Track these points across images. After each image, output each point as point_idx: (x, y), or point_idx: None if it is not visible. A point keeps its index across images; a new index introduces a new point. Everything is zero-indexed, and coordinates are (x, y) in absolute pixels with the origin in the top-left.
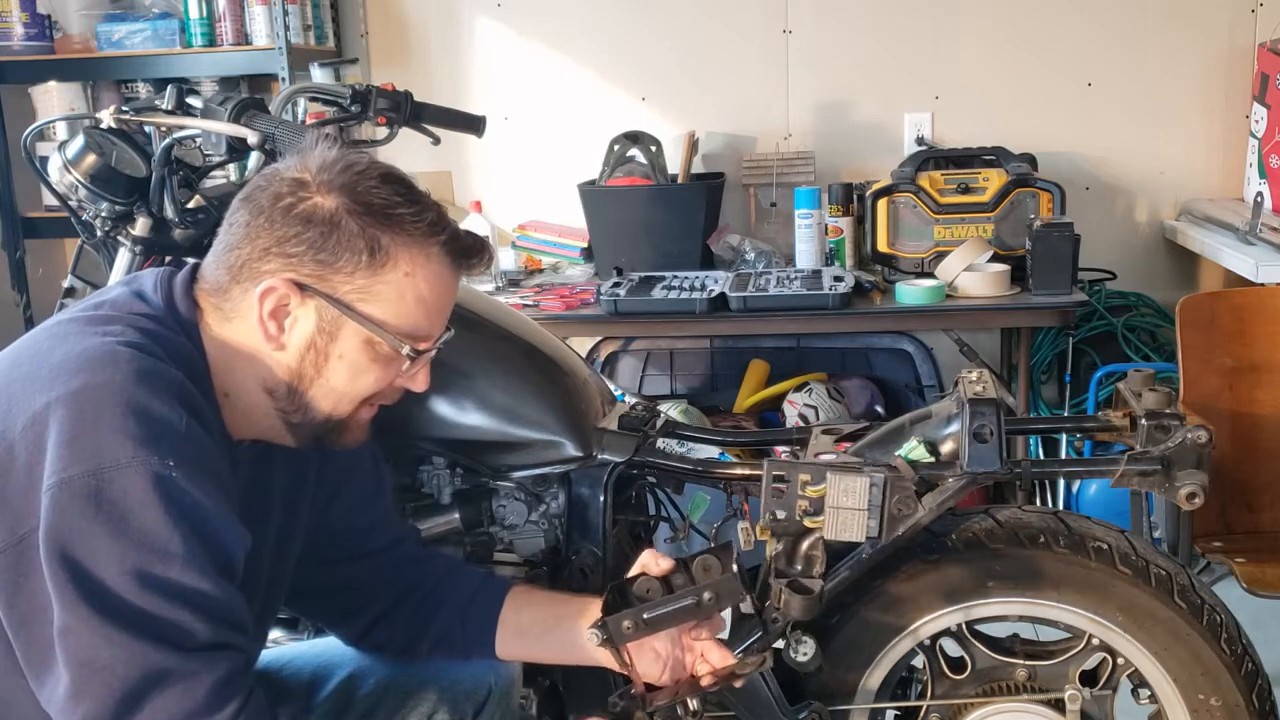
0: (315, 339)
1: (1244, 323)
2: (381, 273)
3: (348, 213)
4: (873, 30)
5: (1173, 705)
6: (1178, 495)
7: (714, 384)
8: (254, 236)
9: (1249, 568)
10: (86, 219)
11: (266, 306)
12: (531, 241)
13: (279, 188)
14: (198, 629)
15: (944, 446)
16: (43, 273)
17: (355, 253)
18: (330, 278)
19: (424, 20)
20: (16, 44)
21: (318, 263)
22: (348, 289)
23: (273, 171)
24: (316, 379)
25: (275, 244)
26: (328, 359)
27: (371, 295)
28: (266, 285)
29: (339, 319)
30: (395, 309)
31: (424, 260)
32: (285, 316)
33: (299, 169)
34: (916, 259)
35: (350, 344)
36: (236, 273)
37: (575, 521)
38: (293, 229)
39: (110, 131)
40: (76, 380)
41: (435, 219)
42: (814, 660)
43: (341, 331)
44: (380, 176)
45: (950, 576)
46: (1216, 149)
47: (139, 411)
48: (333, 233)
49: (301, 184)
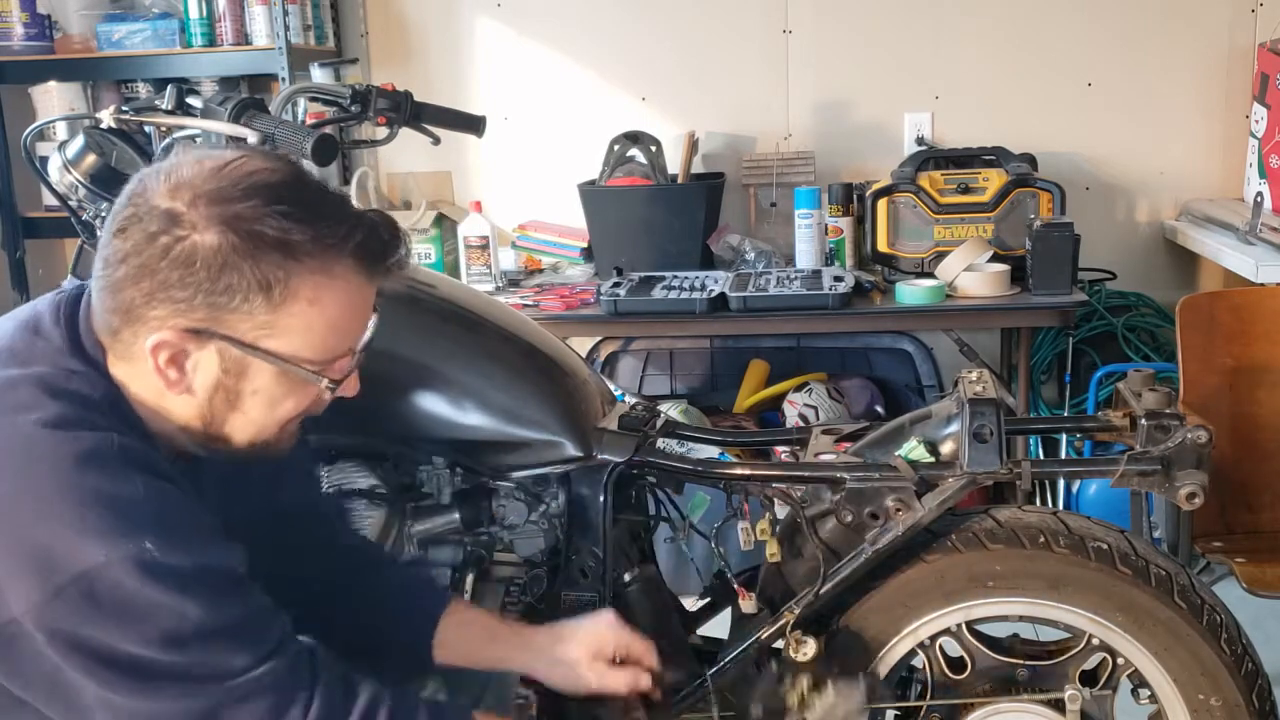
0: (221, 380)
1: (1244, 323)
2: (284, 307)
3: (232, 249)
4: (873, 30)
5: (1173, 705)
6: (1178, 495)
7: (714, 384)
8: (136, 279)
9: (1249, 568)
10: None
11: (161, 357)
12: (531, 241)
13: (151, 223)
14: (237, 659)
15: (944, 446)
16: (43, 273)
17: (250, 291)
18: (226, 319)
19: (424, 20)
20: (16, 44)
21: (210, 306)
22: (247, 327)
23: (141, 194)
24: (231, 414)
25: (160, 289)
26: (239, 396)
27: (276, 330)
28: (158, 339)
29: (243, 359)
30: (305, 340)
31: (328, 283)
32: (185, 361)
33: (168, 193)
34: (916, 259)
35: (262, 379)
36: (124, 316)
37: (575, 521)
38: (175, 273)
39: (110, 131)
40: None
41: (336, 230)
42: (814, 660)
43: (249, 369)
44: (261, 192)
45: (950, 576)
46: (1216, 149)
47: (93, 501)
48: (220, 273)
49: (174, 218)
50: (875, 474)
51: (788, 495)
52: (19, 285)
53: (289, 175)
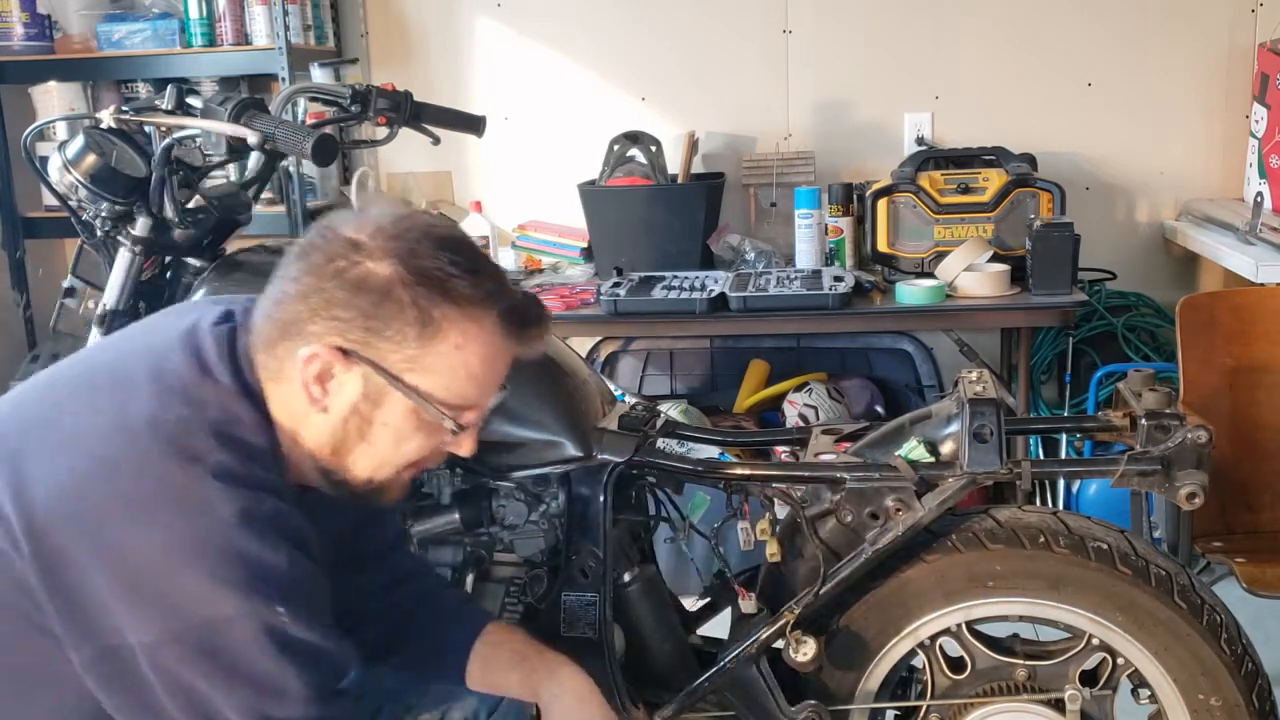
0: (359, 405)
1: (1244, 323)
2: (432, 345)
3: (400, 282)
4: (873, 30)
5: (1173, 705)
6: (1178, 495)
7: (714, 384)
8: (305, 295)
9: (1249, 568)
10: (86, 219)
11: (311, 370)
12: (531, 241)
13: (333, 247)
14: None
15: (944, 446)
16: (43, 273)
17: (405, 323)
18: (378, 345)
19: (424, 20)
20: (16, 44)
21: (366, 330)
22: (396, 358)
23: (329, 227)
24: (359, 444)
25: (324, 306)
26: (371, 425)
27: (420, 366)
28: (311, 350)
29: (384, 388)
30: (444, 382)
31: (476, 332)
32: (329, 380)
33: (355, 228)
34: (916, 259)
35: (395, 412)
36: (285, 329)
37: (575, 521)
38: (343, 293)
39: (110, 131)
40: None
41: (493, 288)
42: (814, 660)
43: (386, 400)
44: (437, 241)
45: (950, 576)
46: (1216, 149)
47: (243, 559)
48: (383, 301)
49: (356, 246)
50: (875, 474)
51: (788, 495)
52: (19, 285)
53: (460, 233)
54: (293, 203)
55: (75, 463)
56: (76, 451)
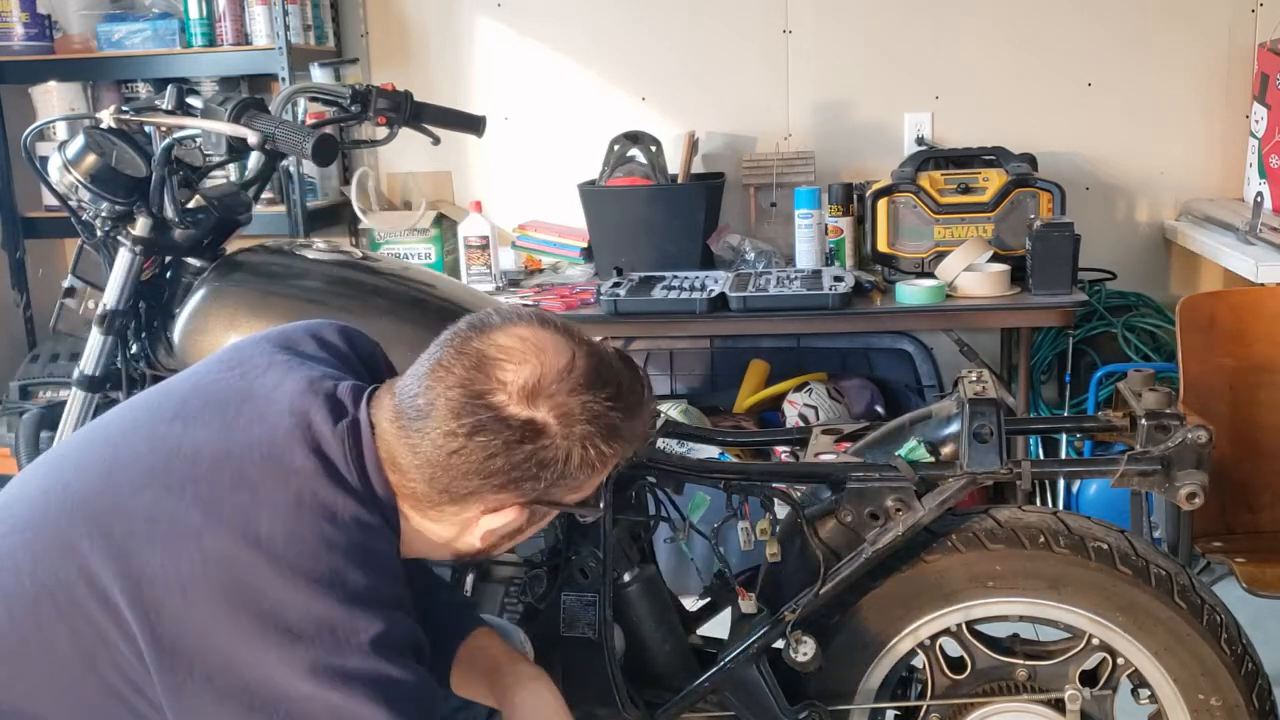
0: (521, 527)
1: (1244, 323)
2: (593, 470)
3: (586, 449)
4: (873, 30)
5: (1173, 705)
6: (1178, 495)
7: (714, 384)
8: (484, 475)
9: (1249, 568)
10: (86, 219)
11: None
12: (531, 241)
13: (511, 434)
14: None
15: (944, 446)
16: (43, 273)
17: (581, 473)
18: (552, 489)
19: (424, 20)
20: (16, 44)
21: (549, 488)
22: (560, 487)
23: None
24: (505, 542)
25: (511, 483)
26: (524, 533)
27: (582, 487)
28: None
29: (545, 511)
30: (593, 487)
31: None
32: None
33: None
34: (916, 259)
35: (543, 520)
36: (457, 499)
37: (575, 521)
38: (532, 471)
39: (110, 131)
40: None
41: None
42: (814, 660)
43: (543, 517)
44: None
45: (950, 576)
46: (1216, 149)
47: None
48: (569, 468)
49: (537, 431)
50: (875, 474)
51: (788, 495)
52: (19, 285)
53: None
54: (293, 203)
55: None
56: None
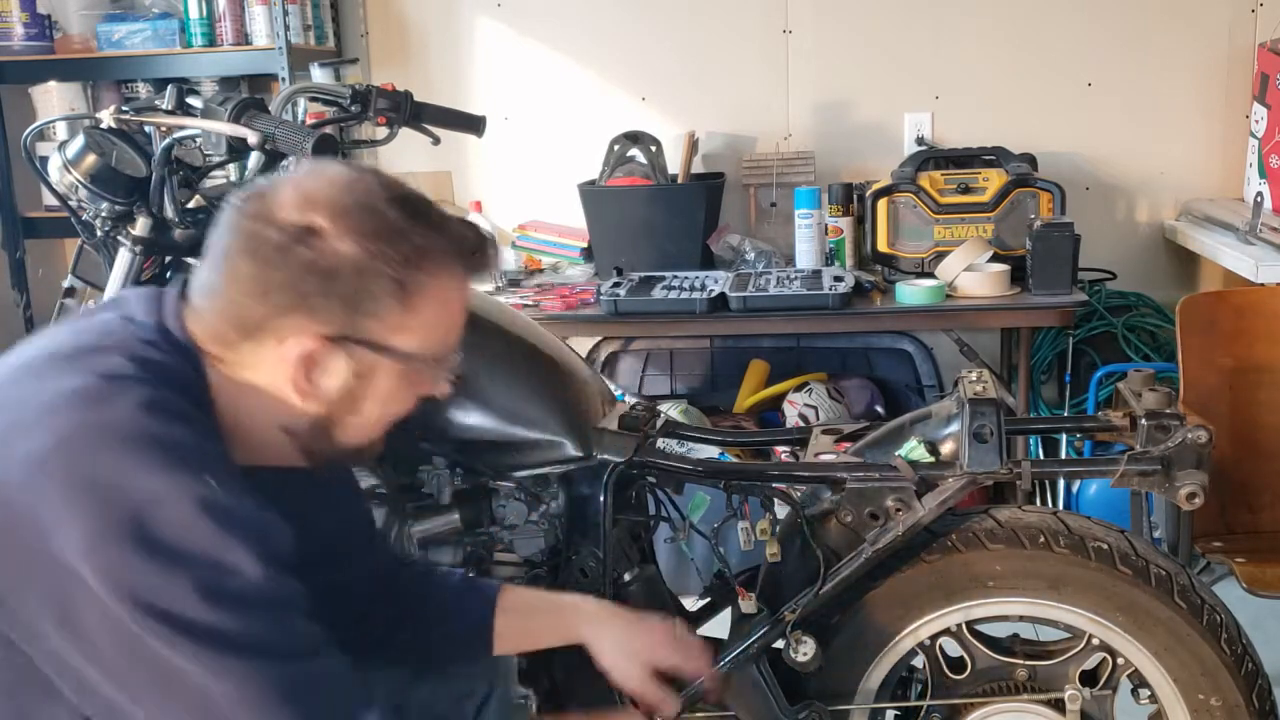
0: (349, 384)
1: (1244, 323)
2: (412, 305)
3: (373, 256)
4: (873, 30)
5: (1173, 705)
6: (1178, 495)
7: (714, 384)
8: (266, 293)
9: (1249, 568)
10: (86, 219)
11: (297, 366)
12: (531, 241)
13: (283, 236)
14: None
15: (944, 446)
16: (43, 273)
17: (385, 295)
18: (362, 323)
19: (424, 20)
20: (16, 44)
21: (348, 312)
22: (379, 328)
23: (265, 212)
24: (348, 417)
25: (298, 300)
26: (361, 399)
27: (405, 330)
28: (299, 350)
29: (374, 361)
30: (428, 337)
31: (449, 281)
32: (315, 368)
33: (299, 206)
34: (916, 259)
35: (385, 380)
36: (250, 331)
37: (575, 521)
38: (316, 284)
39: (110, 131)
40: (75, 420)
41: (451, 233)
42: (814, 660)
43: (377, 371)
44: (391, 201)
45: (950, 576)
46: (1216, 149)
47: (154, 441)
48: (361, 282)
49: (312, 231)
50: (875, 474)
51: (788, 495)
52: (19, 285)
53: (410, 190)
54: None
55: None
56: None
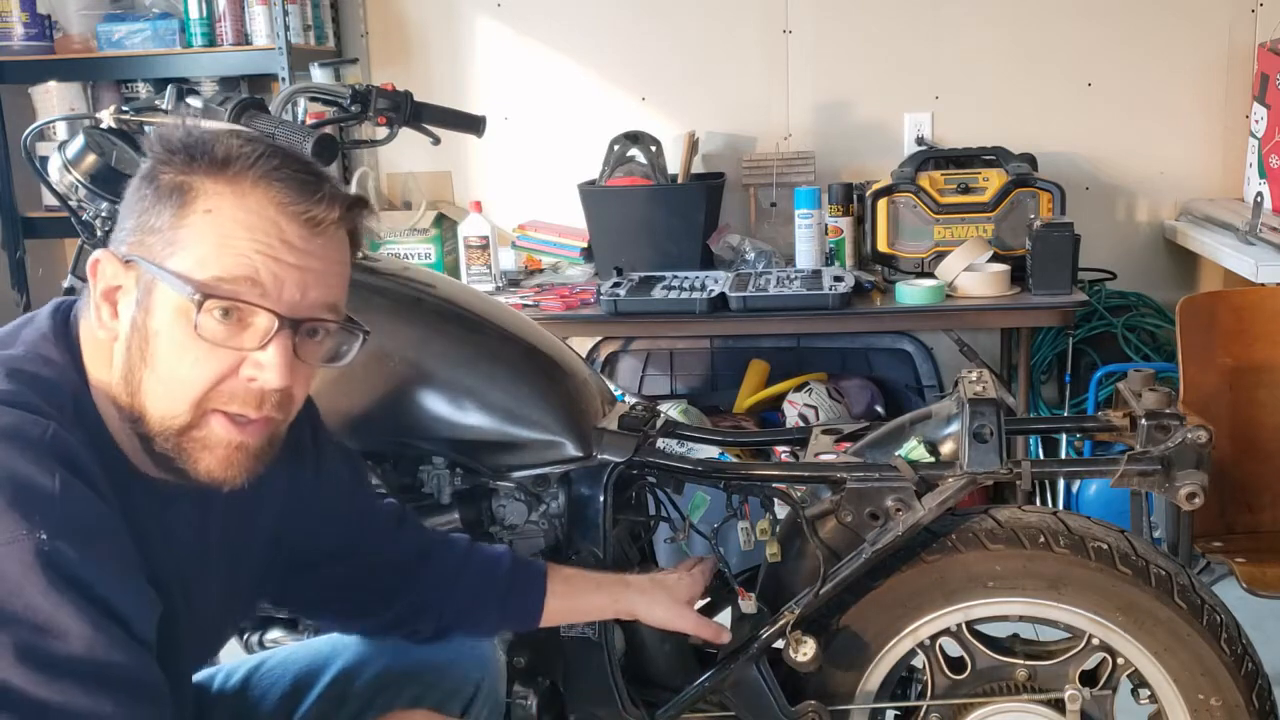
0: (136, 316)
1: (1244, 323)
2: (184, 216)
3: (157, 161)
4: (873, 30)
5: (1173, 705)
6: (1178, 495)
7: (714, 384)
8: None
9: (1249, 568)
10: (86, 219)
11: (99, 287)
12: (531, 241)
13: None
14: (113, 713)
15: (944, 446)
16: (43, 273)
17: (162, 202)
18: (146, 240)
19: (424, 20)
20: (16, 44)
21: (136, 228)
22: (156, 244)
23: None
24: (143, 369)
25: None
26: (149, 338)
27: (176, 244)
28: (94, 257)
29: (151, 281)
30: (199, 254)
31: (230, 193)
32: (116, 294)
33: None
34: (916, 259)
35: (165, 313)
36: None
37: (575, 521)
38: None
39: (110, 131)
40: None
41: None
42: (814, 660)
43: (154, 298)
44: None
45: (950, 576)
46: (1216, 149)
47: (2, 479)
48: (148, 186)
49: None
50: (875, 474)
51: (788, 495)
52: (19, 285)
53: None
54: None
55: None
56: None
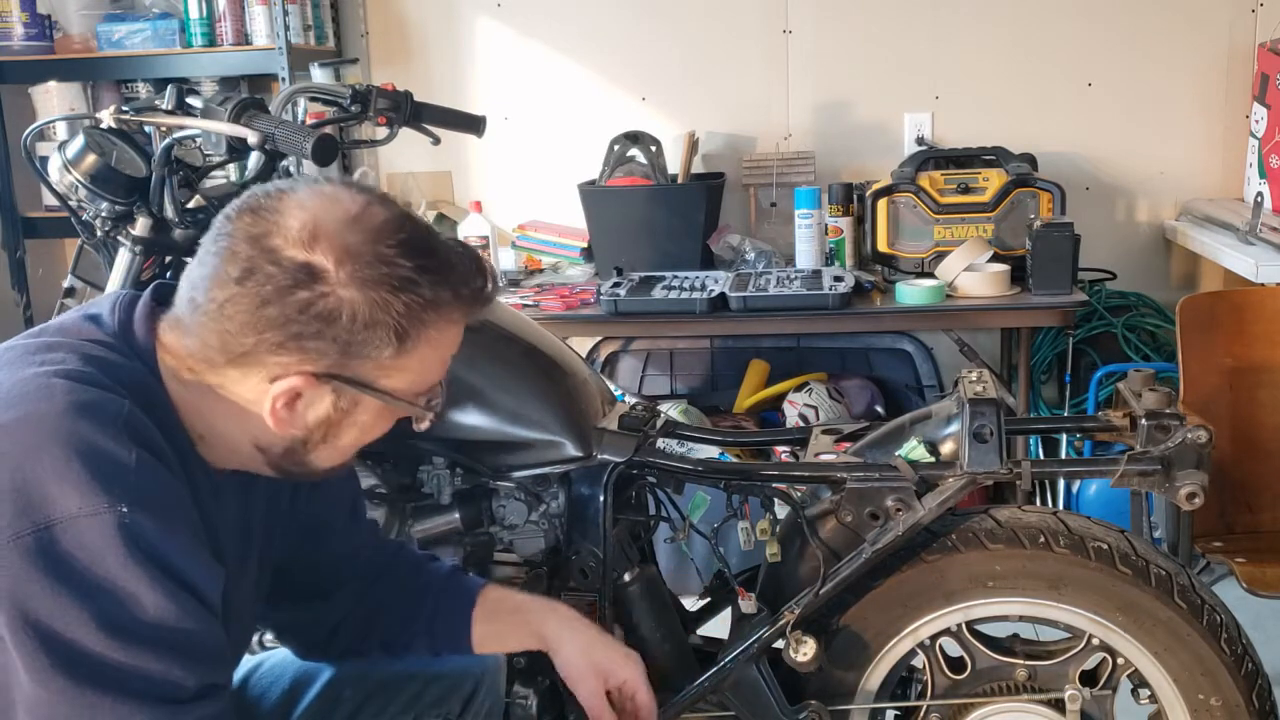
0: (330, 416)
1: (1244, 323)
2: (408, 351)
3: (373, 305)
4: (873, 30)
5: (1173, 705)
6: (1178, 495)
7: (714, 384)
8: (259, 329)
9: (1249, 568)
10: (86, 219)
11: (280, 398)
12: (531, 241)
13: (284, 277)
14: (183, 676)
15: (944, 446)
16: (43, 273)
17: (382, 341)
18: (352, 364)
19: (424, 20)
20: (16, 44)
21: (341, 355)
22: (370, 369)
23: (266, 241)
24: (323, 445)
25: (290, 339)
26: (340, 428)
27: (396, 371)
28: (285, 386)
29: (357, 397)
30: (417, 377)
31: (448, 327)
32: (298, 400)
33: (303, 241)
34: (916, 259)
35: (367, 415)
36: (236, 359)
37: (575, 521)
38: (312, 327)
39: (110, 131)
40: (8, 416)
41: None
42: (814, 660)
43: (359, 406)
44: (401, 244)
45: (950, 576)
46: (1216, 149)
47: (82, 451)
48: (358, 328)
49: (314, 274)
50: (875, 474)
51: (788, 495)
52: (19, 285)
53: (418, 225)
54: None
55: None
56: None
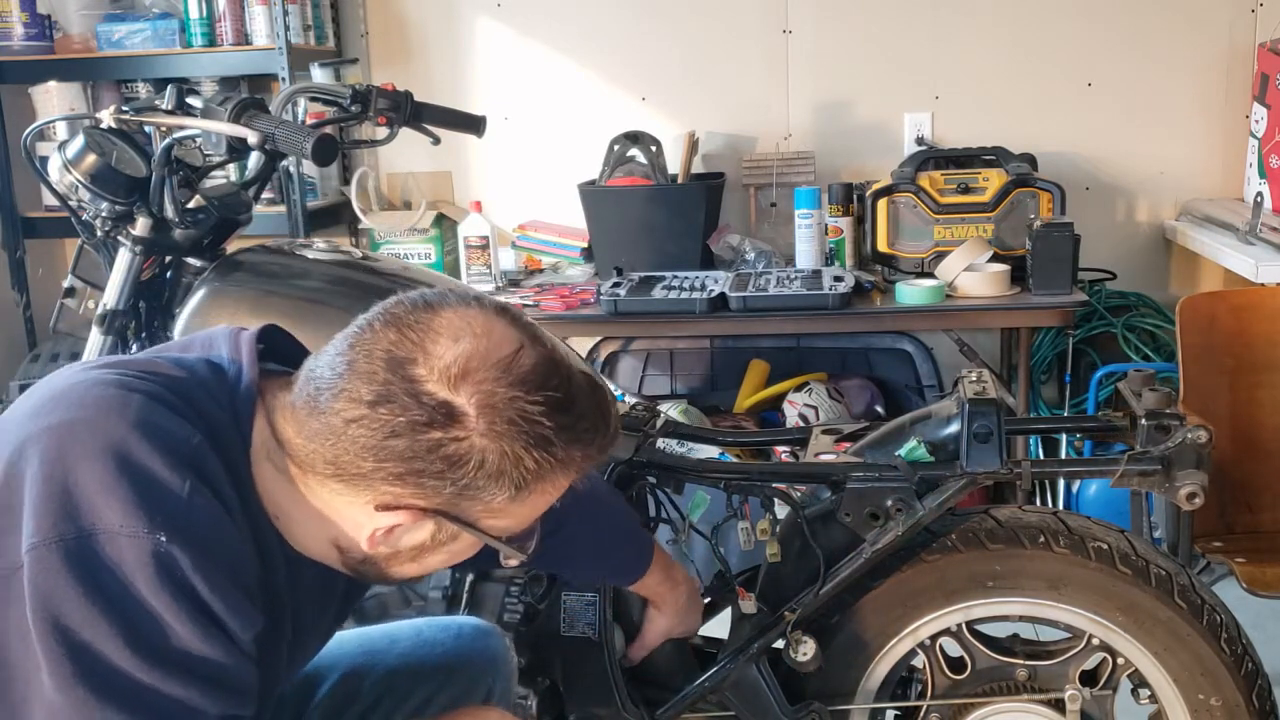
0: (425, 543)
1: (1244, 323)
2: (521, 500)
3: (503, 456)
4: (873, 30)
5: (1173, 705)
6: (1178, 495)
7: (714, 384)
8: (380, 457)
9: (1249, 568)
10: (86, 219)
11: (382, 525)
12: (531, 241)
13: (421, 413)
14: (206, 705)
15: (944, 446)
16: (43, 273)
17: (501, 490)
18: (463, 504)
19: (424, 20)
20: (16, 44)
21: (456, 496)
22: (478, 510)
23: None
24: (410, 563)
25: (410, 474)
26: (432, 553)
27: (504, 515)
28: (394, 522)
29: (457, 532)
30: (521, 520)
31: (565, 480)
32: (398, 527)
33: (447, 381)
34: (916, 259)
35: (462, 545)
36: (347, 477)
37: None
38: (436, 466)
39: (110, 131)
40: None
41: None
42: (814, 660)
43: (458, 540)
44: (546, 401)
45: (950, 576)
46: (1216, 149)
47: (133, 469)
48: (482, 476)
49: (452, 416)
50: (875, 474)
51: (788, 495)
52: (19, 285)
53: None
54: (293, 203)
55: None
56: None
